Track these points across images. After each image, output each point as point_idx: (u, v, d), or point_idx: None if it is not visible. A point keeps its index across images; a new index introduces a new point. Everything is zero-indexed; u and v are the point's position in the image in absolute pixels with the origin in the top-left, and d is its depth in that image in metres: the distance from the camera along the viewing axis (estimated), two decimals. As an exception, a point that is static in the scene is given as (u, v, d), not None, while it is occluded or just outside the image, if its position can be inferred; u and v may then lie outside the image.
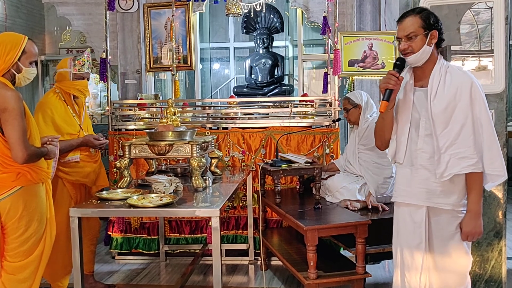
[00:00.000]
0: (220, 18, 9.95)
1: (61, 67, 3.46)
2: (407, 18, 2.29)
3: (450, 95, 2.24)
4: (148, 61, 5.31)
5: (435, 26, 2.27)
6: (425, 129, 2.32)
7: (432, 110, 2.27)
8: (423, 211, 2.35)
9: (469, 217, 2.28)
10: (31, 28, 7.20)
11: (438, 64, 2.31)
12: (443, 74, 2.28)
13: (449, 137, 2.24)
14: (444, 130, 2.25)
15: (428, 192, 2.33)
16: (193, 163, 3.09)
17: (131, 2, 5.27)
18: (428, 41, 2.26)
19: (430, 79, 2.30)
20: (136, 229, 4.46)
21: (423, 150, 2.33)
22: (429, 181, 2.32)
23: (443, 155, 2.25)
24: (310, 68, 8.94)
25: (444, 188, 2.30)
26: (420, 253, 2.36)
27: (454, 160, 2.23)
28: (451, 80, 2.26)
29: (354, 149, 3.80)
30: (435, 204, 2.32)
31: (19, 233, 2.61)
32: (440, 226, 2.34)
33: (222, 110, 4.58)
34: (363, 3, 5.10)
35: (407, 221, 2.41)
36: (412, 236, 2.39)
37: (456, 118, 2.24)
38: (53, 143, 2.82)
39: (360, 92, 3.89)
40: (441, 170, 2.26)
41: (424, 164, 2.33)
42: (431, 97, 2.28)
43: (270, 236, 4.06)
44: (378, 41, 4.46)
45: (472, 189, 2.27)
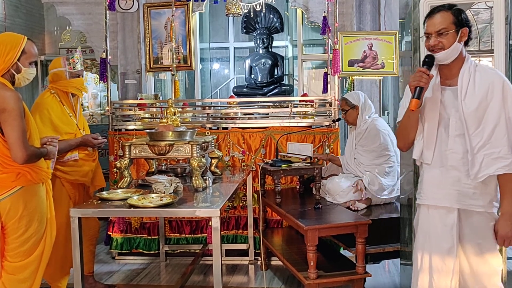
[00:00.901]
0: (220, 18, 9.94)
1: (54, 67, 3.44)
2: (438, 14, 2.22)
3: (481, 94, 2.17)
4: (148, 61, 5.31)
5: (466, 23, 2.20)
6: (456, 129, 2.23)
7: (463, 110, 2.19)
8: (454, 214, 2.25)
9: (504, 220, 2.19)
10: (30, 28, 7.19)
11: (467, 63, 2.24)
12: (472, 73, 2.21)
13: (482, 137, 2.17)
14: (477, 129, 2.18)
15: (460, 194, 2.23)
16: (193, 163, 3.09)
17: (131, 2, 5.27)
18: (459, 38, 2.19)
19: (460, 77, 2.23)
20: (136, 229, 4.46)
21: (453, 151, 2.24)
22: (460, 183, 2.23)
23: (476, 155, 2.17)
24: (310, 68, 8.93)
25: (476, 190, 2.21)
26: (451, 257, 2.26)
27: (488, 161, 2.15)
28: (481, 79, 2.19)
29: (352, 149, 3.82)
30: (467, 206, 2.23)
31: (19, 233, 2.61)
32: (473, 229, 2.25)
33: (222, 110, 4.58)
34: (363, 3, 5.10)
35: (437, 225, 2.29)
36: (443, 239, 2.27)
37: (489, 118, 2.16)
38: (53, 143, 2.82)
39: (358, 93, 3.90)
40: (475, 171, 2.18)
41: (455, 165, 2.24)
42: (462, 96, 2.20)
43: (270, 236, 4.06)
44: (378, 41, 4.46)
45: (507, 190, 2.18)
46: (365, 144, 3.75)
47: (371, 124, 3.75)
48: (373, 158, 3.69)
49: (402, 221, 3.13)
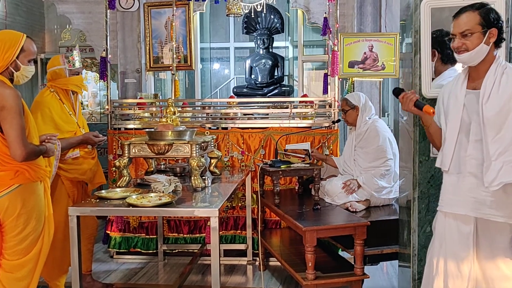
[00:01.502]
0: (220, 18, 9.94)
1: (53, 65, 3.43)
2: (464, 14, 2.15)
3: (505, 97, 2.07)
4: (148, 60, 5.31)
5: (495, 23, 2.11)
6: (475, 134, 2.15)
7: (483, 114, 2.10)
8: (471, 223, 2.18)
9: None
10: (30, 26, 7.18)
11: (494, 65, 2.14)
12: (499, 75, 2.11)
13: (502, 143, 2.06)
14: (497, 135, 2.07)
15: (477, 202, 2.15)
16: (192, 163, 3.09)
17: (131, 1, 5.26)
18: (485, 39, 2.11)
19: (484, 80, 2.14)
20: (134, 228, 4.45)
21: (472, 157, 2.16)
22: (478, 190, 2.14)
23: (494, 162, 2.06)
24: (310, 69, 8.93)
25: (495, 198, 2.10)
26: (467, 264, 2.20)
27: (507, 168, 2.04)
28: (507, 82, 2.09)
29: (351, 150, 3.82)
30: (484, 215, 2.14)
31: (17, 231, 2.60)
32: (490, 239, 2.17)
33: (222, 110, 4.58)
34: (363, 5, 5.10)
35: (454, 232, 2.24)
36: (459, 247, 2.22)
37: (510, 123, 2.05)
38: (52, 141, 2.82)
39: (359, 94, 3.91)
40: (490, 179, 2.08)
41: (473, 172, 2.16)
42: (483, 100, 2.11)
43: (268, 236, 4.06)
44: (379, 42, 4.46)
45: None
46: (364, 146, 3.75)
47: (371, 125, 3.75)
48: (371, 160, 3.69)
49: (401, 223, 3.12)
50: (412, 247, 2.77)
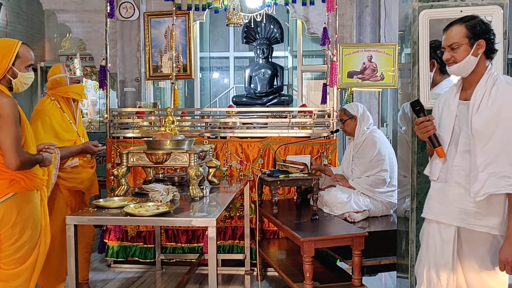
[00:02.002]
0: (220, 27, 9.97)
1: (54, 74, 3.44)
2: (452, 27, 2.21)
3: (494, 109, 2.09)
4: (147, 69, 5.32)
5: (482, 35, 2.15)
6: (464, 144, 2.18)
7: (472, 125, 2.13)
8: (452, 230, 2.21)
9: (508, 244, 2.08)
10: (31, 35, 7.21)
11: (485, 76, 2.17)
12: (489, 87, 2.14)
13: (489, 155, 2.08)
14: (485, 146, 2.09)
15: (462, 212, 2.18)
16: (190, 172, 3.08)
17: (131, 10, 5.28)
18: (473, 51, 2.15)
19: (474, 91, 2.17)
20: (132, 237, 4.44)
21: (460, 167, 2.20)
22: (463, 200, 2.17)
23: (481, 173, 2.09)
24: (309, 79, 8.95)
25: (480, 209, 2.13)
26: (446, 272, 2.23)
27: (492, 179, 2.07)
28: (496, 94, 2.11)
29: (349, 161, 3.83)
30: (468, 225, 2.17)
31: (12, 241, 2.59)
32: (473, 248, 2.19)
33: (221, 119, 4.59)
34: (362, 15, 5.13)
35: (436, 239, 2.28)
36: (440, 254, 2.26)
37: (499, 135, 2.07)
38: (49, 150, 2.81)
39: (357, 104, 3.93)
40: (476, 189, 2.10)
41: (460, 182, 2.19)
42: (473, 111, 2.14)
43: (266, 246, 4.05)
44: (378, 53, 4.47)
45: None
46: (361, 156, 3.76)
47: (369, 135, 3.76)
48: (366, 169, 3.70)
49: (399, 234, 3.11)
50: (410, 258, 2.76)
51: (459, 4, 2.61)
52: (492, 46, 2.18)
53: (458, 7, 2.59)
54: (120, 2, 5.24)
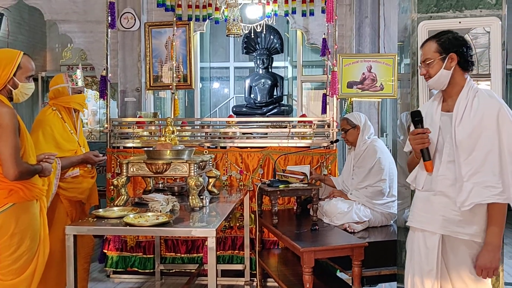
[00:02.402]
0: (220, 38, 10.03)
1: (56, 83, 3.45)
2: (426, 44, 2.30)
3: (475, 121, 2.15)
4: (148, 79, 5.34)
5: (453, 49, 2.21)
6: (448, 155, 2.23)
7: (456, 137, 2.19)
8: (436, 238, 2.25)
9: (486, 250, 2.14)
10: (32, 45, 7.25)
11: (466, 88, 2.22)
12: (471, 99, 2.19)
13: (473, 165, 2.13)
14: (469, 157, 2.15)
15: (446, 220, 2.22)
16: (190, 182, 3.08)
17: (132, 20, 5.32)
18: (445, 65, 2.22)
19: (456, 103, 2.22)
20: (132, 247, 4.42)
21: (445, 177, 2.24)
22: (447, 209, 2.22)
23: (466, 183, 2.14)
24: (309, 89, 8.98)
25: (463, 218, 2.18)
26: (430, 280, 2.26)
27: (477, 189, 2.11)
28: (478, 105, 2.17)
29: (350, 170, 3.83)
30: (451, 233, 2.22)
31: (11, 251, 2.57)
32: (457, 256, 2.23)
33: (221, 129, 4.59)
34: (362, 26, 5.16)
35: (421, 247, 2.32)
36: (424, 262, 2.29)
37: (481, 146, 2.13)
38: (49, 160, 2.80)
39: (359, 113, 3.94)
40: (462, 199, 2.15)
41: (445, 191, 2.23)
42: (456, 123, 2.20)
43: (266, 257, 4.03)
44: (377, 63, 4.49)
45: (494, 220, 2.14)
46: (361, 165, 3.76)
47: (370, 145, 3.76)
48: (364, 178, 3.69)
49: (399, 244, 3.11)
50: (411, 269, 2.75)
51: (457, 15, 2.63)
52: (466, 58, 2.24)
53: (456, 18, 2.62)
54: (121, 13, 5.28)
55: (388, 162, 3.72)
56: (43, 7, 5.45)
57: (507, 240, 4.05)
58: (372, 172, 3.67)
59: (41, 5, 5.45)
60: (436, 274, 2.25)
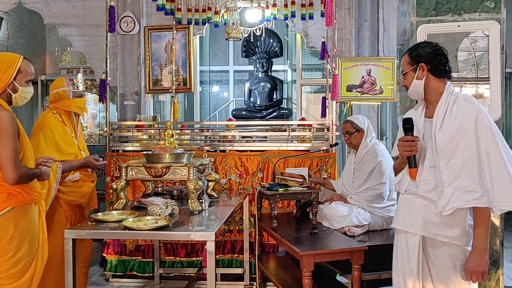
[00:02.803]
0: (220, 41, 10.04)
1: (57, 87, 3.45)
2: (402, 57, 2.40)
3: (455, 127, 2.20)
4: (147, 83, 5.35)
5: (422, 59, 2.29)
6: (430, 160, 2.28)
7: (436, 143, 2.24)
8: (417, 239, 2.31)
9: (474, 254, 2.20)
10: (32, 48, 7.26)
11: (444, 94, 2.28)
12: (450, 105, 2.25)
13: (453, 170, 2.18)
14: (449, 162, 2.20)
15: (426, 222, 2.28)
16: (189, 185, 3.08)
17: (132, 24, 5.33)
18: (417, 75, 2.31)
19: (436, 110, 2.28)
20: (131, 251, 4.41)
21: (426, 181, 2.29)
22: (428, 211, 2.28)
23: (447, 188, 2.19)
24: (309, 92, 8.99)
25: (443, 220, 2.24)
26: (412, 279, 2.33)
27: (458, 194, 2.17)
28: (457, 112, 2.22)
29: (350, 173, 3.82)
30: (432, 234, 2.27)
31: (9, 255, 2.57)
32: (438, 257, 2.29)
33: (220, 133, 4.59)
34: (361, 29, 5.17)
35: (404, 248, 2.39)
36: (406, 262, 2.36)
37: (461, 151, 2.18)
38: (48, 164, 2.80)
39: (363, 117, 3.93)
40: (443, 204, 2.20)
41: (426, 195, 2.29)
42: (436, 129, 2.25)
43: (266, 260, 4.02)
44: (376, 67, 4.50)
45: (479, 224, 2.18)
46: (362, 168, 3.75)
47: (371, 148, 3.76)
48: (365, 181, 3.68)
49: (399, 248, 3.10)
50: (410, 273, 2.74)
51: (456, 19, 2.64)
52: (437, 66, 2.29)
53: (455, 22, 2.62)
54: (121, 17, 5.29)
55: (389, 165, 3.71)
56: (42, 11, 5.46)
57: (507, 244, 4.04)
58: (372, 175, 3.67)
59: (40, 9, 5.46)
60: (417, 275, 2.31)
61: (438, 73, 2.30)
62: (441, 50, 2.31)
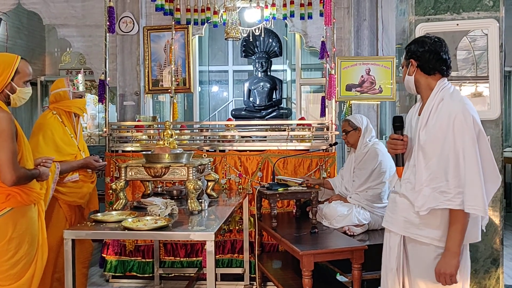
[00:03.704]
0: (219, 41, 10.05)
1: (57, 87, 3.46)
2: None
3: (436, 126, 2.18)
4: (147, 83, 5.35)
5: (413, 55, 2.28)
6: (414, 159, 2.26)
7: (419, 141, 2.23)
8: (398, 238, 2.33)
9: (443, 256, 2.17)
10: (31, 49, 7.26)
11: (434, 91, 2.24)
12: (436, 103, 2.22)
13: (432, 170, 2.17)
14: (429, 162, 2.18)
15: (407, 222, 2.27)
16: (189, 185, 3.08)
17: (131, 24, 5.33)
18: (408, 70, 2.31)
19: (425, 107, 2.26)
20: (130, 251, 4.41)
21: (408, 180, 2.28)
22: (409, 211, 2.26)
23: (425, 188, 2.18)
24: (308, 92, 8.99)
25: (422, 221, 2.22)
26: (391, 277, 2.35)
27: (434, 194, 2.15)
28: (440, 111, 2.19)
29: (351, 172, 3.82)
30: (411, 234, 2.27)
31: (9, 256, 2.56)
32: (417, 257, 2.28)
33: (220, 133, 4.59)
34: (360, 29, 5.16)
35: (387, 246, 2.42)
36: (388, 260, 2.39)
37: (440, 151, 2.16)
38: (46, 164, 2.80)
39: (361, 116, 3.94)
40: (420, 204, 2.19)
41: (407, 195, 2.28)
42: (421, 127, 2.23)
43: (266, 260, 4.02)
44: (376, 66, 4.50)
45: (451, 225, 2.15)
46: (362, 167, 3.75)
47: (371, 148, 3.76)
48: (365, 181, 3.68)
49: (399, 247, 3.10)
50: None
51: (455, 17, 2.64)
52: (425, 64, 2.25)
53: (454, 20, 2.62)
54: (120, 17, 5.29)
55: (390, 165, 3.71)
56: (42, 12, 5.46)
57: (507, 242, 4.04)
58: (373, 175, 3.67)
59: (40, 10, 5.46)
60: (397, 273, 2.33)
61: (427, 70, 2.27)
62: (435, 47, 2.25)
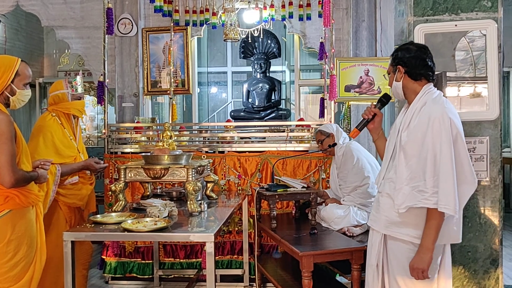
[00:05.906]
0: (218, 43, 10.06)
1: (56, 89, 3.45)
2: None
3: (417, 127, 2.26)
4: (145, 84, 5.35)
5: (400, 61, 2.34)
6: (395, 159, 2.36)
7: (400, 141, 2.31)
8: (379, 236, 2.39)
9: (417, 251, 2.25)
10: (30, 51, 7.25)
11: (418, 95, 2.32)
12: (420, 106, 2.30)
13: (412, 170, 2.25)
14: (409, 162, 2.26)
15: (388, 220, 2.35)
16: (188, 187, 3.08)
17: (130, 26, 5.33)
18: (396, 76, 2.38)
19: (409, 110, 2.35)
20: (130, 253, 4.41)
21: (390, 179, 2.36)
22: (391, 211, 2.33)
23: (405, 187, 2.26)
24: (307, 93, 9.00)
25: (403, 219, 2.29)
26: (372, 273, 2.42)
27: (413, 193, 2.23)
28: (421, 113, 2.28)
29: (335, 179, 3.85)
30: (392, 233, 2.34)
31: (7, 258, 2.56)
32: (396, 254, 2.34)
33: (219, 134, 4.59)
34: (359, 30, 5.17)
35: (370, 243, 2.48)
36: (369, 257, 2.47)
37: (418, 151, 2.24)
38: (45, 166, 2.79)
39: (330, 123, 4.07)
40: (399, 202, 2.27)
41: (389, 193, 2.35)
42: (403, 128, 2.32)
43: (265, 261, 4.02)
44: (374, 67, 4.50)
45: (426, 223, 2.23)
46: (344, 169, 3.77)
47: (346, 148, 3.79)
48: (351, 181, 3.69)
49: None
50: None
51: (453, 18, 2.64)
52: (413, 70, 2.33)
53: (452, 21, 2.63)
54: (118, 18, 5.29)
55: (367, 159, 3.74)
56: (40, 13, 5.46)
57: (506, 243, 4.04)
58: (354, 172, 3.68)
59: (38, 11, 5.46)
60: (377, 269, 2.40)
61: (414, 75, 2.33)
62: (421, 53, 2.33)
